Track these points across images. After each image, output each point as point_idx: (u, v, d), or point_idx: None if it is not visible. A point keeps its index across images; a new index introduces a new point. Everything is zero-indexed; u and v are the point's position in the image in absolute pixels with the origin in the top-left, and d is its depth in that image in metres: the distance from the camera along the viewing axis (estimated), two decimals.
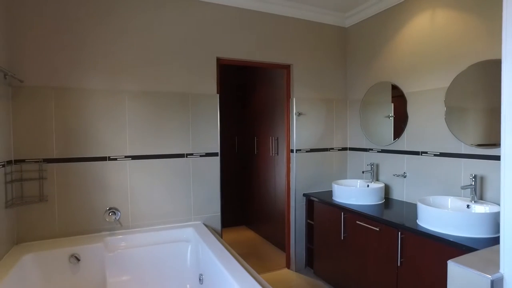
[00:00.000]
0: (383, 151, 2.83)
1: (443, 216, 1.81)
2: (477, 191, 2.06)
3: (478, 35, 2.07)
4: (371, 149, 2.96)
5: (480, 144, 2.04)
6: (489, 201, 1.99)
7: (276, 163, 3.68)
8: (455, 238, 1.70)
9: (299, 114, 3.02)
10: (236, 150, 4.68)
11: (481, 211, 1.92)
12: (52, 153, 2.19)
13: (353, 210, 2.39)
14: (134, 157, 2.42)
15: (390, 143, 2.74)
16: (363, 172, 2.91)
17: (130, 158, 2.41)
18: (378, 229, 2.16)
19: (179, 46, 2.55)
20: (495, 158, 1.98)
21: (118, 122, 2.37)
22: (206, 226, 2.56)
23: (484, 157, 2.03)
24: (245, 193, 4.63)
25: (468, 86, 2.11)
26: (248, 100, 4.44)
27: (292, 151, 3.04)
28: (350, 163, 3.25)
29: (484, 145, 2.03)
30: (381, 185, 2.63)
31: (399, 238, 2.00)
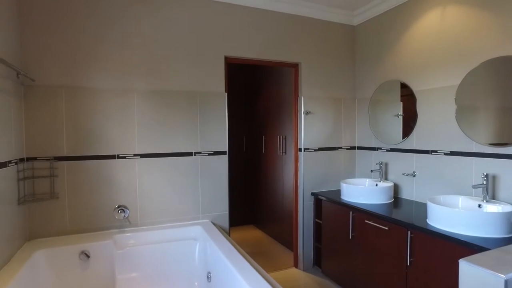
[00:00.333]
0: (392, 150, 2.81)
1: (454, 215, 1.78)
2: (489, 190, 2.02)
3: (491, 32, 2.04)
4: (380, 148, 2.94)
5: (493, 143, 2.01)
6: (502, 201, 1.96)
7: (284, 162, 3.67)
8: (466, 238, 1.68)
9: (307, 113, 3.01)
10: (244, 149, 4.68)
11: (494, 210, 1.89)
12: (63, 151, 2.22)
13: (361, 209, 2.37)
14: (142, 156, 2.43)
15: (399, 142, 2.72)
16: (371, 171, 2.89)
17: (139, 157, 2.42)
18: (387, 228, 2.14)
19: (187, 45, 2.56)
20: (508, 157, 1.94)
21: (127, 121, 2.39)
22: (214, 224, 2.57)
23: (496, 156, 2.00)
24: (253, 193, 4.63)
25: (480, 84, 2.08)
26: (256, 99, 4.44)
27: (300, 150, 3.03)
28: (358, 162, 3.23)
29: (497, 144, 1.99)
30: (390, 184, 2.61)
31: (409, 237, 1.98)
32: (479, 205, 1.98)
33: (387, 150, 2.86)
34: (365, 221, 2.34)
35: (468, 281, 1.16)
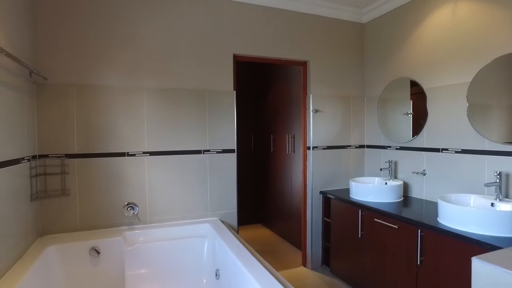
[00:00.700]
0: (401, 148, 2.78)
1: (467, 213, 1.76)
2: (502, 189, 1.99)
3: (504, 27, 2.00)
4: (389, 146, 2.91)
5: (508, 142, 1.97)
6: None
7: (293, 161, 3.66)
8: (479, 237, 1.65)
9: (316, 111, 2.99)
10: (252, 148, 4.68)
11: (507, 209, 1.85)
12: (74, 148, 2.25)
13: (371, 207, 2.36)
14: (152, 153, 2.45)
15: (409, 140, 2.69)
16: (381, 170, 2.87)
17: (148, 154, 2.45)
18: (396, 227, 2.12)
19: (196, 43, 2.57)
20: None
21: (137, 119, 2.41)
22: (223, 222, 2.58)
23: (510, 154, 1.96)
24: (261, 191, 4.63)
25: (493, 81, 2.04)
26: (264, 98, 4.44)
27: (308, 148, 3.02)
28: (367, 161, 3.20)
29: (511, 143, 1.95)
30: (399, 183, 2.58)
31: (419, 236, 1.95)
32: (492, 204, 1.94)
33: (396, 149, 2.83)
34: (374, 219, 2.32)
35: (481, 279, 1.14)
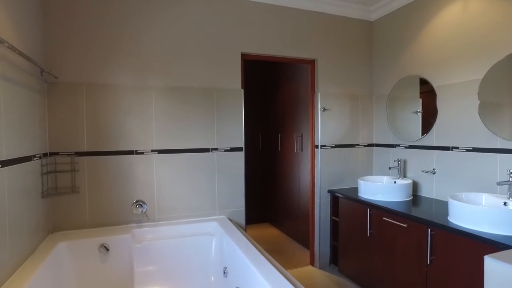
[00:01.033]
0: (410, 146, 2.75)
1: (479, 212, 1.73)
2: None
3: None
4: (398, 145, 2.88)
5: None
6: None
7: (301, 160, 3.65)
8: (491, 236, 1.62)
9: (324, 110, 2.98)
10: (260, 147, 4.68)
11: None
12: (83, 146, 2.27)
13: (379, 206, 2.33)
14: (160, 151, 2.47)
15: (418, 139, 2.65)
16: (389, 168, 2.84)
17: (157, 152, 2.46)
18: (406, 226, 2.10)
19: (204, 42, 2.58)
20: None
21: (145, 117, 2.43)
22: (231, 220, 2.58)
23: None
24: (269, 191, 4.63)
25: (505, 77, 2.01)
26: (272, 97, 4.43)
27: (316, 146, 3.01)
28: (376, 160, 3.17)
29: None
30: (408, 181, 2.55)
31: (429, 235, 1.93)
32: (505, 203, 1.91)
33: (405, 147, 2.80)
34: (383, 218, 2.30)
35: (494, 278, 1.12)
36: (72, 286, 2.00)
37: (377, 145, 3.16)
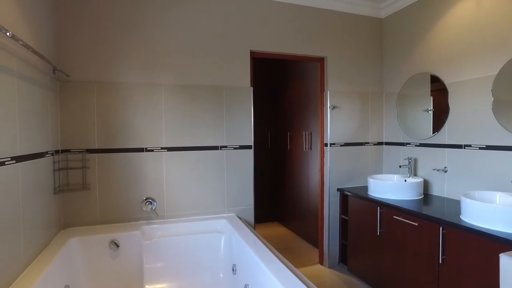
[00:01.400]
0: (421, 145, 2.71)
1: (493, 211, 1.69)
2: None
3: None
4: (409, 143, 2.84)
5: None
6: None
7: (310, 158, 3.63)
8: (506, 235, 1.59)
9: (333, 107, 2.96)
10: (269, 146, 4.67)
11: None
12: (94, 144, 2.30)
13: (390, 204, 2.31)
14: (169, 149, 2.48)
15: (430, 137, 2.62)
16: (400, 167, 2.80)
17: (166, 150, 2.48)
18: (417, 224, 2.07)
19: (213, 40, 2.58)
20: None
21: (155, 115, 2.44)
22: (240, 218, 2.58)
23: None
24: (277, 189, 4.62)
25: None
26: (281, 95, 4.42)
27: (326, 145, 2.99)
28: (386, 158, 3.14)
29: None
30: (419, 180, 2.52)
31: (441, 233, 1.90)
32: None
33: (416, 145, 2.77)
34: (394, 217, 2.27)
35: (510, 276, 1.10)
36: (83, 281, 2.02)
37: (387, 143, 3.12)
